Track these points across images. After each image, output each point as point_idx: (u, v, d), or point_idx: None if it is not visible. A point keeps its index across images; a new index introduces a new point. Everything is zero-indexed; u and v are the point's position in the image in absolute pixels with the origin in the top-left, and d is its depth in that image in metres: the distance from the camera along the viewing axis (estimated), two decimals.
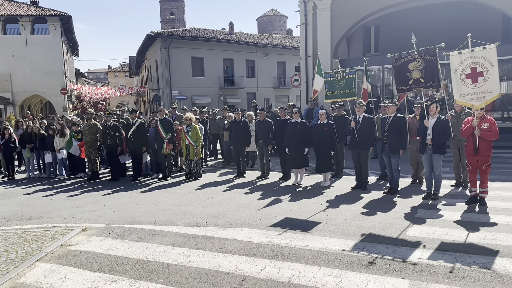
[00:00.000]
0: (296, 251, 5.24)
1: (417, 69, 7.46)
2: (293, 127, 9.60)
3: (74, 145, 11.73)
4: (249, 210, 7.46)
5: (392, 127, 8.20)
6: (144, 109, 49.97)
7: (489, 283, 4.12)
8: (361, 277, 4.38)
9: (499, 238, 5.42)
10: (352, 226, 6.23)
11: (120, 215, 7.55)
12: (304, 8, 18.54)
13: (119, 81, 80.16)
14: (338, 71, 9.40)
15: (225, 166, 13.11)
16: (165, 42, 31.44)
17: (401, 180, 8.83)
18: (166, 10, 75.52)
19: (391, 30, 20.21)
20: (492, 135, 6.94)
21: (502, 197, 7.62)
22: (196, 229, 6.40)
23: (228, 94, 35.03)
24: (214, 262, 4.98)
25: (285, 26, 76.12)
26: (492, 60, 6.71)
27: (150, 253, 5.40)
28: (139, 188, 10.05)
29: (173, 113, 13.68)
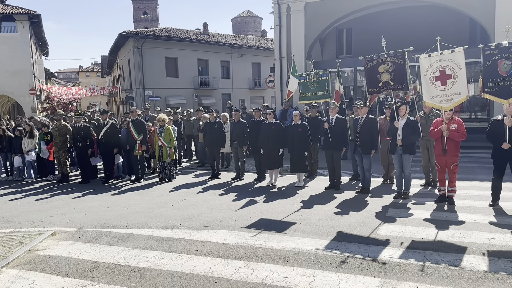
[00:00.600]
0: (270, 252, 5.26)
1: (386, 71, 7.62)
2: (268, 128, 9.63)
3: (43, 148, 11.41)
4: (223, 212, 7.43)
5: (364, 128, 8.35)
6: (116, 109, 49.12)
7: (457, 280, 4.24)
8: (333, 277, 4.43)
9: (466, 236, 5.59)
10: (325, 226, 6.30)
11: (91, 218, 7.38)
12: (278, 10, 18.65)
13: (90, 81, 78.48)
14: (312, 73, 9.50)
15: (199, 167, 13.03)
16: (138, 42, 30.97)
17: (373, 180, 8.99)
18: (139, 9, 74.40)
19: (363, 33, 20.58)
20: (460, 136, 7.17)
21: (470, 196, 7.86)
22: (169, 232, 6.32)
23: (203, 94, 34.82)
24: (188, 265, 4.93)
25: (260, 27, 76.39)
26: (460, 63, 6.93)
27: (121, 257, 5.30)
28: (110, 191, 9.85)
29: (146, 114, 13.50)
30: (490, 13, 15.20)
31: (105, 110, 11.85)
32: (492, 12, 15.16)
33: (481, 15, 15.57)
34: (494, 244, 5.24)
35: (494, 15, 15.12)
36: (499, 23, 14.93)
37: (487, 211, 6.77)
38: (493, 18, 15.14)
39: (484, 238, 5.48)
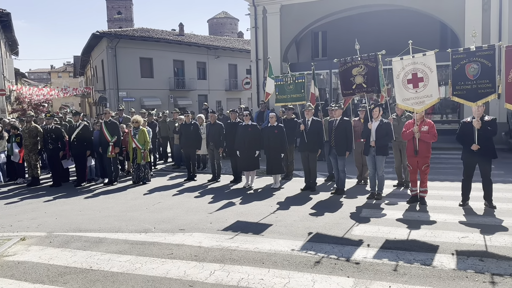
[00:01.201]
0: (246, 254, 5.25)
1: (359, 74, 7.75)
2: (244, 130, 9.63)
3: (15, 151, 11.07)
4: (199, 214, 7.38)
5: (339, 130, 8.45)
6: (89, 111, 48.16)
7: (428, 279, 4.34)
8: (308, 277, 4.46)
9: (437, 235, 5.73)
10: (301, 227, 6.34)
11: (62, 222, 7.20)
12: (254, 12, 18.70)
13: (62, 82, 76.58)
14: (288, 75, 9.57)
15: (175, 169, 12.90)
16: (111, 42, 30.45)
17: (347, 181, 9.11)
18: (113, 9, 73.14)
19: (338, 36, 20.86)
20: (431, 137, 7.35)
21: (441, 196, 8.06)
22: (144, 236, 6.23)
23: (179, 96, 34.51)
24: (162, 269, 4.87)
25: (236, 29, 76.36)
26: (432, 66, 7.10)
27: (94, 262, 5.19)
28: (83, 194, 9.63)
29: (120, 115, 13.28)
30: (460, 17, 15.68)
31: (78, 111, 11.57)
32: (462, 17, 15.64)
33: (451, 19, 16.04)
34: (463, 243, 5.38)
35: (463, 19, 15.60)
36: (469, 27, 15.41)
37: (457, 211, 6.97)
38: (462, 22, 15.62)
39: (454, 237, 5.63)
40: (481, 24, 15.28)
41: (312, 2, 17.84)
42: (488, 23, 15.25)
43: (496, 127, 6.95)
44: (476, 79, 6.67)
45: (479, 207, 7.12)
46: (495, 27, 15.17)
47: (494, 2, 15.15)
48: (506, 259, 4.79)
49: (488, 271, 4.47)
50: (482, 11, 15.27)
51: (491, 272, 4.43)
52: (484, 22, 15.28)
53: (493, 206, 7.05)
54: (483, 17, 15.27)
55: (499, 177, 9.75)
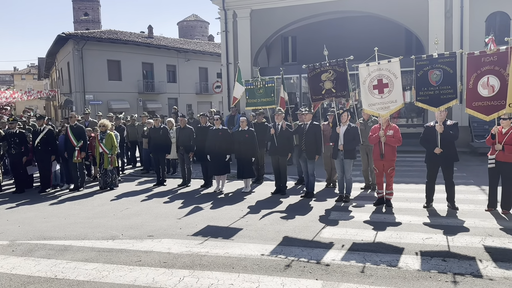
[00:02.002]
0: (216, 259, 5.23)
1: (329, 79, 7.90)
2: (215, 134, 9.61)
3: None
4: (168, 220, 7.29)
5: (309, 134, 8.57)
6: (54, 114, 46.74)
7: (393, 280, 4.46)
8: (277, 281, 4.49)
9: (403, 237, 5.89)
10: (271, 231, 6.38)
11: (26, 230, 6.95)
12: (224, 16, 18.71)
13: (26, 84, 74.02)
14: (258, 79, 9.63)
15: (144, 174, 12.69)
16: (78, 44, 29.73)
17: (317, 184, 9.24)
18: (80, 10, 71.36)
19: (308, 41, 21.19)
20: (396, 141, 7.56)
21: (406, 198, 8.30)
22: (111, 243, 6.10)
23: (148, 99, 34.04)
24: (130, 276, 4.79)
25: (207, 32, 76.01)
26: (396, 73, 7.33)
27: (59, 270, 5.04)
28: (47, 201, 9.33)
29: (86, 119, 12.96)
30: (424, 24, 16.25)
31: (42, 115, 11.20)
32: (426, 24, 16.21)
33: (416, 26, 16.60)
34: (427, 244, 5.56)
35: (427, 26, 16.16)
36: (432, 34, 16.00)
37: (421, 213, 7.19)
38: (426, 29, 16.19)
39: (418, 238, 5.80)
40: (444, 31, 15.90)
41: (281, 7, 18.05)
42: (451, 30, 15.87)
43: (457, 131, 7.24)
44: (439, 85, 6.92)
45: (443, 208, 7.38)
46: (457, 34, 15.81)
47: (455, 10, 15.80)
48: (467, 259, 4.98)
49: (450, 271, 4.63)
50: (445, 18, 15.89)
51: (453, 272, 4.59)
52: (446, 29, 15.90)
53: (455, 207, 7.31)
54: (445, 24, 15.89)
55: (462, 179, 10.12)
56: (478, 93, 6.89)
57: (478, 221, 6.55)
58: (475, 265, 4.77)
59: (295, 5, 17.94)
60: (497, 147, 6.90)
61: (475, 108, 7.02)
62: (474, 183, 9.65)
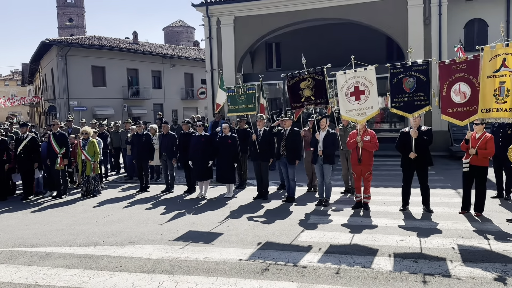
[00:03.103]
0: (196, 264, 5.34)
1: (308, 87, 8.10)
2: (197, 140, 9.73)
3: None
4: (150, 226, 7.37)
5: (289, 139, 8.74)
6: (39, 120, 46.22)
7: (365, 280, 4.63)
8: (254, 284, 4.62)
9: (377, 239, 6.08)
10: (251, 235, 6.51)
11: (7, 238, 6.96)
12: (208, 23, 18.85)
13: (9, 90, 72.92)
14: (240, 86, 9.81)
15: (127, 181, 12.72)
16: (62, 50, 29.52)
17: (298, 188, 9.40)
18: (64, 16, 70.80)
19: (291, 47, 21.44)
20: (373, 146, 7.79)
21: (384, 202, 8.51)
22: (92, 249, 6.16)
23: (133, 105, 33.92)
24: (110, 282, 4.87)
25: (193, 37, 76.13)
26: (372, 80, 7.57)
27: (40, 277, 5.10)
28: (30, 208, 9.32)
29: (69, 126, 12.94)
30: (404, 32, 16.60)
31: (25, 122, 11.18)
32: (406, 31, 16.57)
33: (396, 34, 16.94)
34: (401, 246, 5.76)
35: (407, 33, 16.53)
36: (412, 41, 16.33)
37: (397, 216, 7.40)
38: (406, 36, 16.55)
39: (393, 240, 6.00)
40: (423, 39, 16.27)
41: (265, 14, 18.26)
42: (429, 38, 16.25)
43: (431, 137, 7.49)
44: (412, 92, 7.17)
45: (418, 211, 7.60)
46: (435, 41, 16.19)
47: (434, 17, 16.18)
48: (437, 260, 5.18)
49: (421, 271, 4.83)
50: (424, 26, 16.26)
51: (423, 272, 4.78)
52: (425, 36, 16.26)
53: (430, 210, 7.55)
54: (424, 32, 16.26)
55: (439, 182, 10.42)
56: (452, 100, 7.15)
57: (451, 223, 6.78)
58: (445, 266, 4.97)
59: (278, 12, 18.16)
60: (471, 151, 7.15)
61: (450, 114, 7.28)
62: (451, 186, 9.92)
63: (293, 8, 17.92)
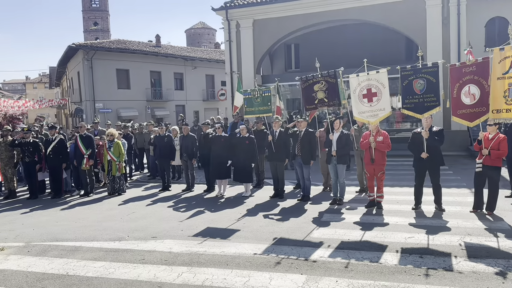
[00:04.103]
0: (212, 257, 5.72)
1: (321, 90, 8.38)
2: (217, 140, 10.14)
3: None
4: (171, 222, 7.80)
5: (303, 140, 9.04)
6: (65, 122, 47.74)
7: (371, 274, 4.90)
8: (266, 276, 4.96)
9: (387, 236, 6.32)
10: (266, 232, 6.84)
11: (40, 233, 7.50)
12: (227, 26, 19.30)
13: (38, 93, 75.49)
14: (256, 89, 10.17)
15: (151, 180, 13.25)
16: (88, 54, 30.56)
17: (314, 188, 9.68)
18: (90, 20, 72.82)
19: (310, 48, 21.63)
20: (386, 147, 8.00)
21: (397, 201, 8.70)
22: (118, 243, 6.62)
23: (156, 106, 34.76)
24: (134, 273, 5.29)
25: (214, 39, 76.96)
26: (384, 82, 7.79)
27: (70, 268, 5.56)
28: (59, 206, 9.91)
29: (95, 128, 13.56)
30: (422, 32, 16.61)
31: (54, 125, 11.84)
32: (424, 31, 16.57)
33: (414, 34, 16.96)
34: (409, 243, 5.98)
35: (425, 34, 16.54)
36: (430, 41, 16.39)
37: (409, 214, 7.60)
38: (424, 36, 16.56)
39: (401, 237, 6.23)
40: (442, 38, 16.25)
41: (283, 17, 18.57)
42: (448, 38, 16.21)
43: (443, 137, 7.65)
44: (423, 94, 7.37)
45: (430, 210, 7.77)
46: (454, 41, 16.14)
47: (453, 16, 16.14)
48: (443, 255, 5.40)
49: (425, 266, 5.06)
50: (442, 25, 16.24)
51: (427, 267, 5.02)
52: (444, 36, 16.25)
53: (442, 209, 7.71)
54: (443, 32, 16.24)
55: (455, 182, 10.52)
56: (462, 101, 7.31)
57: (461, 221, 6.94)
58: (449, 261, 5.18)
59: (297, 15, 18.44)
60: (483, 152, 7.28)
61: (460, 116, 7.44)
62: (466, 186, 9.99)
63: (311, 10, 18.16)
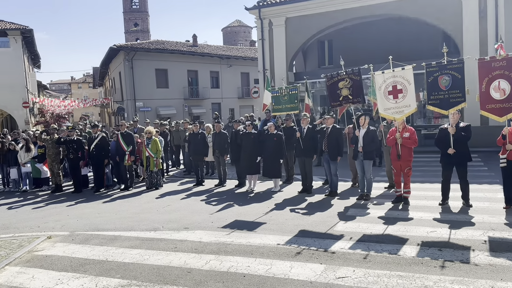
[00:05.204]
0: (238, 247, 6.09)
1: (345, 87, 8.55)
2: (248, 137, 10.51)
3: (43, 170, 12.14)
4: (202, 215, 8.25)
5: (331, 137, 9.23)
6: (108, 120, 49.79)
7: (388, 265, 5.10)
8: (287, 264, 5.27)
9: (409, 230, 6.45)
10: (291, 225, 7.14)
11: (83, 223, 8.16)
12: (260, 25, 19.64)
13: (82, 92, 79.12)
14: (283, 87, 10.45)
15: (186, 175, 13.82)
16: (128, 55, 31.86)
17: (342, 183, 9.86)
18: (130, 21, 75.33)
19: (344, 44, 21.54)
20: (412, 143, 8.07)
21: (425, 196, 8.74)
22: (153, 233, 7.13)
23: (193, 104, 35.71)
24: (166, 259, 5.75)
25: (250, 36, 77.49)
26: (410, 79, 7.86)
27: (109, 255, 6.10)
28: (101, 199, 10.62)
29: (135, 126, 14.29)
30: (458, 26, 16.26)
31: (96, 124, 12.63)
32: (460, 25, 16.21)
33: (450, 28, 16.62)
34: (430, 236, 6.10)
35: (461, 27, 16.17)
36: (467, 35, 16.02)
37: (435, 209, 7.65)
38: (460, 30, 16.19)
39: (424, 231, 6.34)
40: (479, 32, 15.84)
41: (315, 14, 18.68)
42: (485, 31, 15.77)
43: (470, 133, 7.63)
44: (448, 90, 7.39)
45: (457, 206, 7.78)
46: (492, 34, 15.68)
47: (490, 10, 15.69)
48: (462, 249, 5.50)
49: (443, 258, 5.19)
50: (479, 18, 15.82)
51: (444, 259, 5.15)
52: (481, 30, 15.82)
53: (469, 205, 7.70)
54: (480, 25, 15.82)
55: (488, 178, 10.37)
56: (491, 96, 7.27)
57: (487, 217, 6.94)
58: (467, 254, 5.29)
59: (329, 11, 18.49)
60: (508, 146, 7.23)
61: (489, 110, 7.40)
62: (499, 182, 9.77)
63: (343, 6, 18.17)
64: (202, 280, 4.95)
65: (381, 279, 4.68)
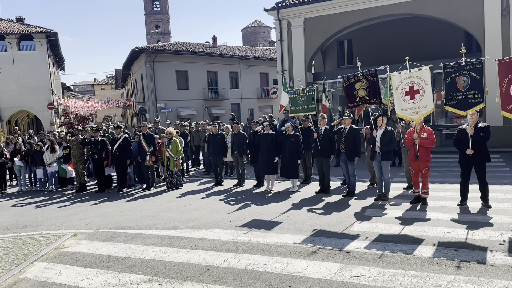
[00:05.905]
0: (256, 246, 6.24)
1: (362, 88, 8.60)
2: (265, 138, 10.65)
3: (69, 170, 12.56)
4: (221, 214, 8.43)
5: (348, 137, 9.28)
6: (130, 121, 50.70)
7: (403, 264, 5.15)
8: (303, 263, 5.39)
9: (426, 230, 6.47)
10: (307, 224, 7.25)
11: (107, 222, 8.45)
12: (279, 26, 19.74)
13: (105, 94, 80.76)
14: (300, 89, 10.55)
15: (205, 175, 14.05)
16: (149, 57, 32.44)
17: (360, 184, 9.89)
18: (151, 23, 76.54)
19: (364, 43, 21.49)
20: (430, 143, 8.05)
21: (444, 197, 8.70)
22: (173, 232, 7.35)
23: (212, 105, 36.08)
24: (186, 257, 5.94)
25: (269, 37, 77.67)
26: (427, 80, 7.86)
27: (132, 252, 6.34)
28: (124, 198, 10.94)
29: (156, 127, 14.60)
30: (480, 24, 16.00)
31: (119, 125, 12.99)
32: (482, 23, 15.95)
33: (472, 26, 16.35)
34: (447, 237, 6.11)
35: (483, 26, 15.91)
36: (488, 33, 15.76)
37: (453, 210, 7.62)
38: (482, 29, 15.93)
39: (440, 232, 6.36)
40: (501, 30, 15.55)
41: (334, 14, 18.66)
42: (508, 29, 15.48)
43: (488, 133, 7.56)
44: (466, 90, 7.36)
45: (476, 206, 7.73)
46: None
47: None
48: (479, 249, 5.51)
49: (458, 258, 5.22)
50: (501, 16, 15.54)
51: (460, 259, 5.18)
52: (503, 28, 15.54)
53: (488, 205, 7.64)
54: (502, 23, 15.53)
55: (510, 179, 10.21)
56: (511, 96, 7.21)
57: (506, 218, 6.89)
58: (484, 255, 5.30)
59: (348, 11, 18.44)
60: None
61: (510, 111, 7.33)
62: None
63: (362, 5, 18.09)
64: (220, 277, 5.12)
65: (396, 278, 4.75)
